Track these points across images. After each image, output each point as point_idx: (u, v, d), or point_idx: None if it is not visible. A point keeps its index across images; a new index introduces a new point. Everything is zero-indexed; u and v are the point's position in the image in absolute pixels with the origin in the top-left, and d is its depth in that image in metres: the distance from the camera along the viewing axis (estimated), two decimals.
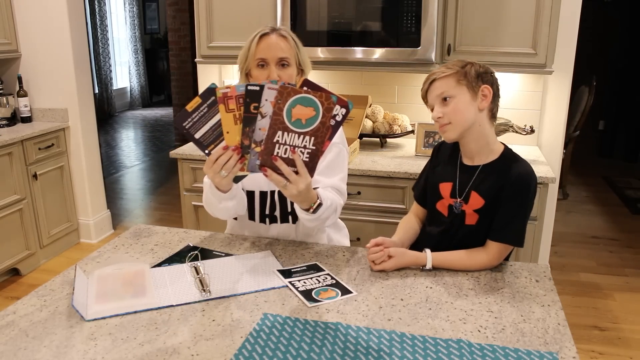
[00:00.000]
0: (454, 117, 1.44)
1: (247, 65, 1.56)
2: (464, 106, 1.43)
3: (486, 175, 1.48)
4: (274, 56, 1.52)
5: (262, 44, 1.52)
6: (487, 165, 1.50)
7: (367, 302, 1.27)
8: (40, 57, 3.40)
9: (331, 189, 1.54)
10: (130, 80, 9.22)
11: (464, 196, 1.51)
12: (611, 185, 5.07)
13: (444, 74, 1.44)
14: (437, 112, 1.46)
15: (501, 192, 1.45)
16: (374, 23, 2.45)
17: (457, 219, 1.53)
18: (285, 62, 1.53)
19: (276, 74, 1.51)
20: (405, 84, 2.91)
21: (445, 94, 1.44)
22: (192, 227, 2.73)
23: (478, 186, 1.49)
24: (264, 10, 2.62)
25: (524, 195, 1.44)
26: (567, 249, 3.61)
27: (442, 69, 1.46)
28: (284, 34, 1.55)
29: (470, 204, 1.50)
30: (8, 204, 3.06)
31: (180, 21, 6.04)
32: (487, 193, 1.47)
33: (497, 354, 1.06)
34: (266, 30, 1.54)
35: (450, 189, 1.54)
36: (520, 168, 1.46)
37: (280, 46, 1.52)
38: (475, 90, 1.43)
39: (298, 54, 1.56)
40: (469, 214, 1.50)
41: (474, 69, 1.44)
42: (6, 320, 1.18)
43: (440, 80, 1.45)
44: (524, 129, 2.50)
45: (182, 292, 1.30)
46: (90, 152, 3.60)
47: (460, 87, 1.43)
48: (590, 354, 2.46)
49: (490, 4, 2.40)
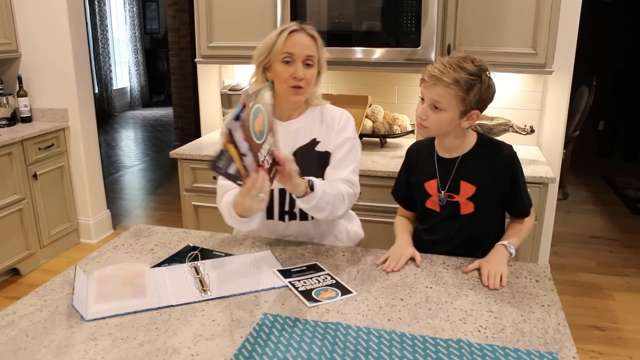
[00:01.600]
0: (434, 127, 1.46)
1: (269, 60, 1.55)
2: (448, 122, 1.44)
3: (469, 163, 1.52)
4: (302, 53, 1.52)
5: (292, 39, 1.52)
6: (466, 155, 1.52)
7: (367, 302, 1.27)
8: (40, 57, 3.40)
9: (341, 181, 1.57)
10: (130, 80, 9.22)
11: (448, 188, 1.54)
12: (611, 185, 5.07)
13: (449, 87, 1.39)
14: (422, 111, 1.46)
15: (496, 177, 1.50)
16: (374, 23, 2.45)
17: (451, 210, 1.55)
18: (311, 62, 1.53)
19: (302, 71, 1.52)
20: (405, 84, 2.91)
21: (438, 104, 1.42)
22: (192, 227, 2.73)
23: (465, 175, 1.51)
24: (264, 10, 2.62)
25: (519, 171, 1.52)
26: (567, 249, 3.61)
27: (452, 75, 1.38)
28: (312, 33, 1.55)
29: (462, 193, 1.52)
30: (8, 204, 3.05)
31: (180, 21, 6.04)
32: (476, 179, 1.51)
33: (497, 354, 1.06)
34: (295, 27, 1.54)
35: (435, 185, 1.56)
36: (505, 151, 1.51)
37: (309, 44, 1.53)
38: (466, 113, 1.43)
39: (320, 56, 1.57)
40: (463, 203, 1.53)
41: (479, 93, 1.40)
42: (6, 320, 1.18)
43: (443, 88, 1.40)
44: (524, 129, 2.50)
45: (182, 292, 1.30)
46: (90, 152, 3.60)
47: (454, 104, 1.41)
48: (590, 354, 2.46)
49: (490, 4, 2.40)
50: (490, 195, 1.53)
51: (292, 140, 1.62)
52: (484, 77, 1.41)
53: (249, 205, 1.29)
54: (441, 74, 1.38)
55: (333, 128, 1.63)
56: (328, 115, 1.65)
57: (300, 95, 1.56)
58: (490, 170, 1.50)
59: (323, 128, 1.63)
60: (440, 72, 1.39)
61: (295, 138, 1.62)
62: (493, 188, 1.51)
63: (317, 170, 1.60)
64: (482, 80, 1.40)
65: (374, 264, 1.48)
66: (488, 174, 1.50)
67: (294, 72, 1.51)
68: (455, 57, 1.41)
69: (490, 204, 1.54)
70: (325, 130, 1.63)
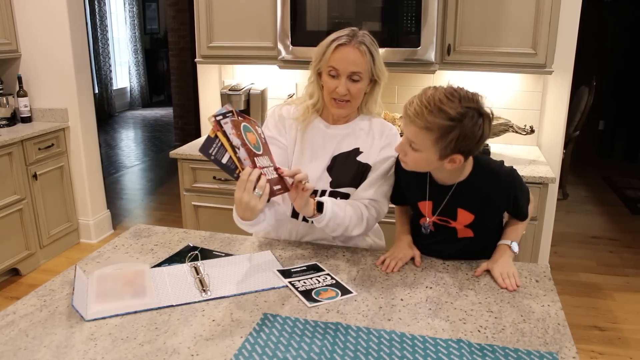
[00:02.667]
0: (412, 164, 1.37)
1: (320, 68, 1.53)
2: (425, 162, 1.34)
3: (465, 191, 1.42)
4: (346, 69, 1.48)
5: (337, 54, 1.47)
6: (462, 183, 1.41)
7: (367, 302, 1.27)
8: (40, 57, 3.40)
9: (368, 202, 1.55)
10: (130, 80, 9.22)
11: (444, 213, 1.46)
12: (611, 185, 5.07)
13: (421, 129, 1.26)
14: (400, 147, 1.37)
15: (496, 202, 1.43)
16: (374, 23, 2.45)
17: (447, 234, 1.50)
18: (357, 77, 1.49)
19: (345, 88, 1.48)
20: (405, 84, 2.91)
21: (412, 144, 1.31)
22: (192, 227, 2.73)
23: (462, 203, 1.43)
24: (264, 10, 2.62)
25: (520, 189, 1.45)
26: (567, 249, 3.61)
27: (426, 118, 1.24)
28: (361, 47, 1.47)
29: (459, 220, 1.46)
30: (8, 204, 3.05)
31: (180, 21, 6.03)
32: (474, 207, 1.43)
33: (497, 354, 1.06)
34: (343, 40, 1.47)
35: (430, 207, 1.48)
36: (503, 177, 1.41)
37: (354, 60, 1.47)
38: (446, 156, 1.30)
39: (372, 68, 1.50)
40: (461, 229, 1.48)
41: (456, 140, 1.25)
42: (6, 320, 1.18)
43: (416, 129, 1.28)
44: (524, 129, 2.50)
45: (182, 292, 1.30)
46: (90, 152, 3.60)
47: (430, 147, 1.28)
48: (590, 354, 2.46)
49: (490, 4, 2.40)
50: (491, 220, 1.49)
51: (335, 145, 1.60)
52: (466, 122, 1.24)
53: (247, 200, 1.28)
54: (415, 116, 1.27)
55: (378, 142, 1.60)
56: (376, 128, 1.62)
57: (342, 109, 1.54)
58: (489, 198, 1.42)
59: (368, 139, 1.60)
60: (416, 112, 1.27)
61: (338, 143, 1.60)
62: (492, 214, 1.47)
63: (354, 179, 1.58)
64: (463, 125, 1.24)
65: (374, 264, 1.48)
66: (487, 201, 1.42)
67: (337, 87, 1.49)
68: (441, 95, 1.26)
69: (490, 226, 1.51)
70: (369, 142, 1.60)
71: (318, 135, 1.61)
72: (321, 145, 1.60)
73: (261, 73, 3.04)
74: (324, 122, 1.62)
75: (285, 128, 1.62)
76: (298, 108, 1.62)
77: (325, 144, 1.60)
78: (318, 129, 1.61)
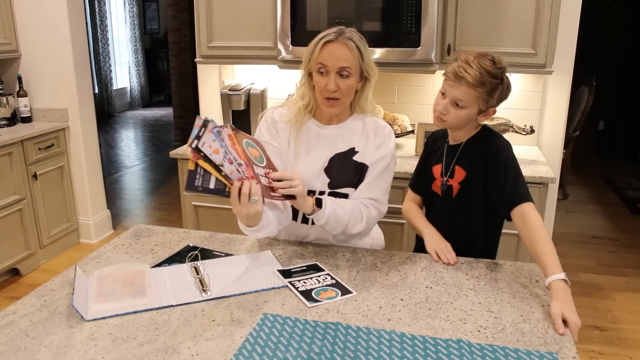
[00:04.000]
0: (453, 121, 1.51)
1: (310, 67, 1.54)
2: (466, 118, 1.50)
3: (467, 149, 1.57)
4: (335, 65, 1.48)
5: (325, 50, 1.49)
6: (468, 141, 1.57)
7: (367, 302, 1.27)
8: (40, 57, 3.40)
9: (368, 201, 1.58)
10: (130, 80, 9.22)
11: (449, 173, 1.59)
12: (611, 185, 5.07)
13: (475, 89, 1.43)
14: (444, 107, 1.50)
15: (486, 166, 1.51)
16: (374, 23, 2.45)
17: (447, 195, 1.60)
18: (346, 73, 1.49)
19: (335, 84, 1.49)
20: (405, 84, 2.91)
21: (460, 102, 1.46)
22: (192, 227, 2.73)
23: (461, 160, 1.57)
24: (264, 10, 2.62)
25: (511, 160, 1.51)
26: (567, 249, 3.61)
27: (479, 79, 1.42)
28: (348, 43, 1.48)
29: (455, 178, 1.58)
30: (8, 204, 3.05)
31: (180, 21, 6.03)
32: (468, 165, 1.55)
33: (497, 354, 1.06)
34: (331, 37, 1.49)
35: (440, 169, 1.62)
36: (494, 141, 1.54)
37: (342, 55, 1.48)
38: (485, 111, 1.50)
39: (361, 64, 1.51)
40: (456, 187, 1.58)
41: (500, 95, 1.47)
42: (6, 320, 1.18)
43: (468, 89, 1.44)
44: (524, 129, 2.50)
45: (182, 292, 1.30)
46: (90, 152, 3.60)
47: (475, 104, 1.47)
48: (590, 354, 2.46)
49: (490, 4, 2.40)
50: (475, 184, 1.54)
51: (330, 145, 1.61)
52: (505, 79, 1.47)
53: (245, 212, 1.30)
54: (467, 75, 1.42)
55: (373, 141, 1.61)
56: (370, 127, 1.62)
57: (334, 108, 1.54)
58: (480, 158, 1.53)
59: (363, 139, 1.61)
60: (466, 72, 1.42)
61: (333, 143, 1.61)
62: (479, 176, 1.53)
63: (353, 179, 1.59)
64: (503, 82, 1.46)
65: (374, 264, 1.48)
66: (478, 162, 1.53)
67: (327, 84, 1.50)
68: (478, 57, 1.44)
69: (474, 192, 1.55)
70: (364, 142, 1.61)
71: (312, 136, 1.61)
72: (316, 146, 1.60)
73: (261, 73, 3.04)
74: (317, 123, 1.62)
75: (277, 131, 1.62)
76: (290, 110, 1.62)
77: (320, 145, 1.60)
78: (312, 130, 1.61)
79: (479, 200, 1.55)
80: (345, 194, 1.59)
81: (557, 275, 1.28)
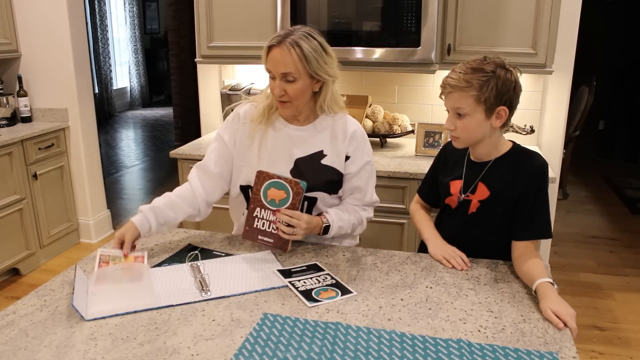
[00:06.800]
0: (464, 134, 1.45)
1: None
2: (475, 126, 1.43)
3: (496, 168, 1.49)
4: (277, 70, 1.48)
5: (270, 55, 1.49)
6: (497, 160, 1.49)
7: (367, 302, 1.27)
8: (40, 57, 3.40)
9: (367, 207, 1.68)
10: (130, 80, 9.22)
11: (470, 190, 1.52)
12: (611, 185, 5.07)
13: (463, 90, 1.39)
14: (449, 123, 1.46)
15: (515, 188, 1.44)
16: (374, 23, 2.45)
17: (462, 210, 1.54)
18: (290, 77, 1.47)
19: (280, 89, 1.49)
20: (405, 84, 2.91)
21: (460, 110, 1.41)
22: (192, 227, 2.73)
23: (486, 178, 1.50)
24: (264, 10, 2.62)
25: (543, 189, 1.44)
26: (567, 249, 3.61)
27: (463, 79, 1.38)
28: (291, 47, 1.44)
29: (476, 194, 1.51)
30: (8, 204, 3.05)
31: (180, 21, 6.03)
32: (494, 185, 1.48)
33: (497, 354, 1.06)
34: (274, 41, 1.47)
35: (459, 185, 1.55)
36: (536, 161, 1.46)
37: (283, 61, 1.45)
38: (491, 111, 1.41)
39: (307, 68, 1.46)
40: (474, 204, 1.51)
41: (496, 88, 1.38)
42: (6, 320, 1.19)
43: (459, 94, 1.40)
44: (524, 129, 2.50)
45: (182, 292, 1.30)
46: (90, 152, 3.60)
47: (476, 107, 1.40)
48: (590, 354, 2.46)
49: (490, 4, 2.40)
50: (499, 205, 1.47)
51: (297, 146, 1.59)
52: (499, 72, 1.39)
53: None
54: (454, 81, 1.40)
55: (343, 145, 1.59)
56: (339, 128, 1.60)
57: (285, 109, 1.55)
58: (512, 180, 1.45)
59: (331, 142, 1.60)
60: (453, 78, 1.41)
61: (300, 145, 1.59)
62: (506, 198, 1.46)
63: (324, 183, 1.58)
64: (496, 75, 1.38)
65: (374, 264, 1.48)
66: (506, 183, 1.46)
67: (274, 88, 1.51)
68: (470, 62, 1.42)
69: (494, 212, 1.49)
70: (333, 145, 1.59)
71: (279, 136, 1.60)
72: (282, 146, 1.59)
73: (261, 73, 3.03)
74: (284, 123, 1.61)
75: (239, 127, 1.62)
76: (258, 107, 1.61)
77: (287, 146, 1.59)
78: (279, 130, 1.60)
79: (497, 220, 1.50)
80: (315, 197, 1.58)
81: (542, 279, 1.29)
